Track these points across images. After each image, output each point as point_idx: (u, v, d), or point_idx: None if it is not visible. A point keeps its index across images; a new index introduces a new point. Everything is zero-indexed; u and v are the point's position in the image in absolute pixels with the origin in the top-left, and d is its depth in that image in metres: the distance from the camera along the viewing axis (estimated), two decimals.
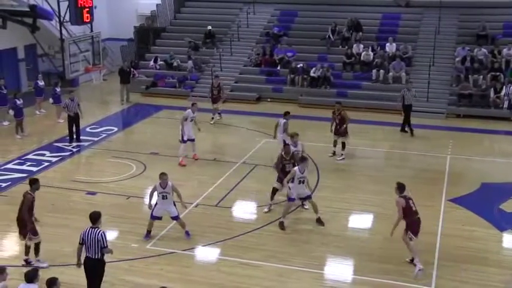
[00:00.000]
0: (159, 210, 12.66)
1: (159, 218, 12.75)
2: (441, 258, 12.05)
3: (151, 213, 12.69)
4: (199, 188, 15.52)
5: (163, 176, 12.54)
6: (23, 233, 11.54)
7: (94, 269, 10.07)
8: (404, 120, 20.43)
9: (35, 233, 11.50)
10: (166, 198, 12.54)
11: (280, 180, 14.00)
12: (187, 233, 12.84)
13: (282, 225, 13.31)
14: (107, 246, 9.92)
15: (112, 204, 14.78)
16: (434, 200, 14.90)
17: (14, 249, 12.47)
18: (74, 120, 19.35)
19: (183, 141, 17.11)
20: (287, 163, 14.00)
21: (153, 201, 12.85)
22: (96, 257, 9.95)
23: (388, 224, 13.46)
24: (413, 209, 11.59)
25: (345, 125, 17.56)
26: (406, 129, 20.44)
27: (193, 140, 17.41)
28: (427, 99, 23.14)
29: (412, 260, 11.70)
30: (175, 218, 12.78)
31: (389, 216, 13.88)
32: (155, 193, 12.62)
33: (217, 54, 26.92)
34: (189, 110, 17.55)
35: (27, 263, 11.49)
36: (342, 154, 17.82)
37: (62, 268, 11.17)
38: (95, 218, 10.05)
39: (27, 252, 11.63)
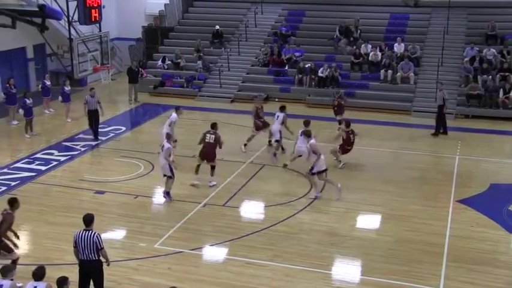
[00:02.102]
0: None
1: None
2: (449, 259, 12.00)
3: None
4: (207, 187, 15.53)
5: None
6: None
7: (92, 271, 9.99)
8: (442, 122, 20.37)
9: (8, 250, 11.10)
10: None
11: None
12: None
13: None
14: (103, 247, 9.87)
15: (120, 204, 14.83)
16: (442, 200, 14.84)
17: (23, 248, 12.52)
18: (93, 116, 19.58)
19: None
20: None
21: None
22: (93, 258, 9.87)
23: (396, 225, 13.52)
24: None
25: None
26: (441, 130, 20.31)
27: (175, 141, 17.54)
28: (436, 100, 23.01)
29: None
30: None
31: (397, 217, 13.94)
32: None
33: (225, 54, 26.94)
34: (174, 114, 17.70)
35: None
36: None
37: (71, 267, 11.18)
38: (88, 220, 9.97)
39: None
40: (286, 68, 25.99)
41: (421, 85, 23.95)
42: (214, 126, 15.93)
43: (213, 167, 15.70)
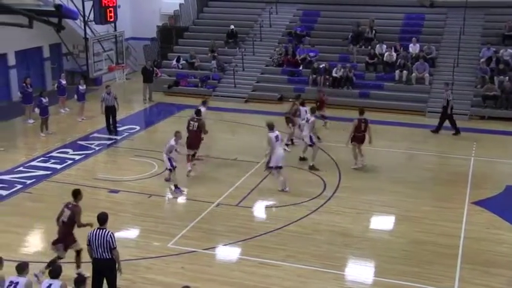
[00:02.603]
0: None
1: None
2: (464, 261, 11.91)
3: None
4: (221, 187, 15.56)
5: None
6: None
7: (105, 270, 10.05)
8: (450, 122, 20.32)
9: (74, 241, 11.17)
10: None
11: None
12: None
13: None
14: (115, 247, 9.92)
15: (134, 203, 14.91)
16: (457, 202, 14.73)
17: (39, 246, 12.65)
18: (110, 112, 20.04)
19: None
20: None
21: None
22: (107, 257, 9.93)
23: (410, 226, 13.45)
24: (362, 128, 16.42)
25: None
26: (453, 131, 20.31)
27: None
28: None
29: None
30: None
31: (411, 218, 13.86)
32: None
33: (240, 54, 26.97)
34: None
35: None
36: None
37: (85, 265, 11.23)
38: (103, 219, 10.05)
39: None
40: (301, 68, 25.94)
41: (436, 86, 23.77)
42: (198, 113, 16.70)
43: (194, 155, 16.47)
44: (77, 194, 11.14)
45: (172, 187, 15.37)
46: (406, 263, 11.86)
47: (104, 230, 9.93)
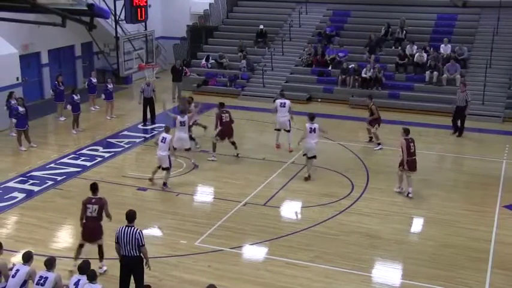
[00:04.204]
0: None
1: None
2: (495, 266, 11.69)
3: None
4: (248, 186, 15.57)
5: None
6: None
7: (133, 267, 10.12)
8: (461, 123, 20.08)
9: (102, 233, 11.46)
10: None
11: None
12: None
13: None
14: (144, 244, 9.98)
15: (162, 201, 15.02)
16: (488, 205, 14.48)
17: (69, 241, 12.82)
18: (148, 103, 20.87)
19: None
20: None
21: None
22: (135, 254, 9.99)
23: (440, 229, 13.25)
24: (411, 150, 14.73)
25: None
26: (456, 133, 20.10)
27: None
28: (483, 103, 22.50)
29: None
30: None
31: (441, 221, 13.66)
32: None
33: (269, 53, 26.95)
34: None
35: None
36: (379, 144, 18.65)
37: (111, 261, 11.35)
38: (131, 216, 10.12)
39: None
40: (330, 68, 25.80)
41: (468, 87, 23.34)
42: (223, 105, 17.84)
43: (233, 143, 17.51)
44: (95, 188, 11.37)
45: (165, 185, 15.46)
46: (435, 266, 11.69)
47: (132, 228, 10.00)
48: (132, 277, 10.23)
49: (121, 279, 10.23)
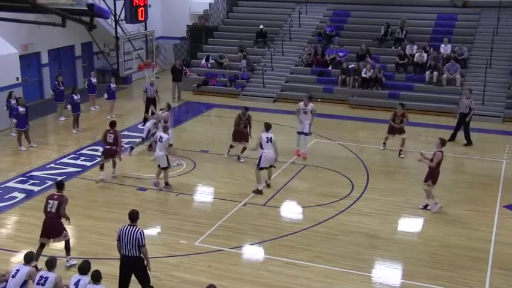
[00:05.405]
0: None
1: None
2: (495, 266, 11.70)
3: None
4: (248, 186, 15.55)
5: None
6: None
7: (134, 268, 10.10)
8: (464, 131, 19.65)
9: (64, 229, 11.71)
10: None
11: None
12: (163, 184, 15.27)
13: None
14: (144, 244, 9.97)
15: (162, 201, 15.02)
16: (488, 205, 14.49)
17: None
18: (150, 103, 20.65)
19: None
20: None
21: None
22: (134, 254, 9.98)
23: (439, 229, 13.25)
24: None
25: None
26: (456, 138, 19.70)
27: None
28: (483, 103, 22.50)
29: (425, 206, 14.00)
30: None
31: (441, 221, 13.65)
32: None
33: (269, 53, 26.95)
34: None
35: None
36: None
37: (112, 261, 11.36)
38: (134, 216, 10.12)
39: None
40: (330, 68, 25.80)
41: (467, 87, 23.37)
42: (247, 109, 17.68)
43: (244, 148, 17.24)
44: (61, 185, 11.58)
45: (162, 184, 15.44)
46: (435, 266, 11.69)
47: (134, 227, 10.01)
48: (131, 277, 10.21)
49: (120, 279, 10.23)
